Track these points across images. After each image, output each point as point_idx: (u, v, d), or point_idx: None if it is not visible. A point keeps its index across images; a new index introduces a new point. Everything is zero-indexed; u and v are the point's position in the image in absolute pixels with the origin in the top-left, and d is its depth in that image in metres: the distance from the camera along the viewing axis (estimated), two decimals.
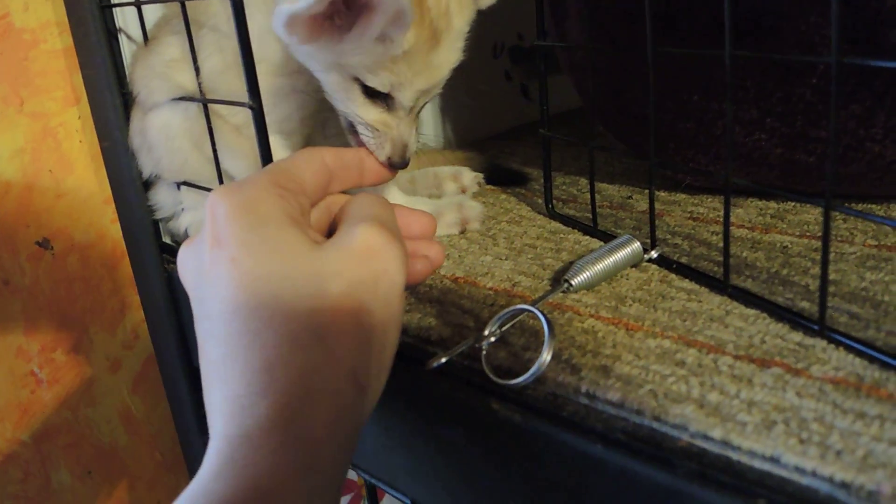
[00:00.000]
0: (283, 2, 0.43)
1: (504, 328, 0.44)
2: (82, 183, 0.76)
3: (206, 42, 0.54)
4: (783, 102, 0.51)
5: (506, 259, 0.56)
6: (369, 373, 0.37)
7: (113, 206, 0.77)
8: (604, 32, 0.60)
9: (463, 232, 0.62)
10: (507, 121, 0.51)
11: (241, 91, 0.50)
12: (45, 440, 0.78)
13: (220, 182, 0.58)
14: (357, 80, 0.49)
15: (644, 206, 0.64)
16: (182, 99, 0.58)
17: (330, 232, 0.43)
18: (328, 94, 0.52)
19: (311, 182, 0.42)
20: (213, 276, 0.37)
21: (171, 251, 0.70)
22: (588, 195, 0.59)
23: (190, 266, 0.40)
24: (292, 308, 0.35)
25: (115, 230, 0.78)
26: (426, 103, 0.54)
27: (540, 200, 0.67)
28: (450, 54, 0.50)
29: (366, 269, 0.37)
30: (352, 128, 0.52)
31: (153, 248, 0.69)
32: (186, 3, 0.53)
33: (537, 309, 0.42)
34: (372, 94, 0.50)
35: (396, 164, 0.51)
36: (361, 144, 0.51)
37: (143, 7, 0.62)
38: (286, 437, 0.33)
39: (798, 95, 0.50)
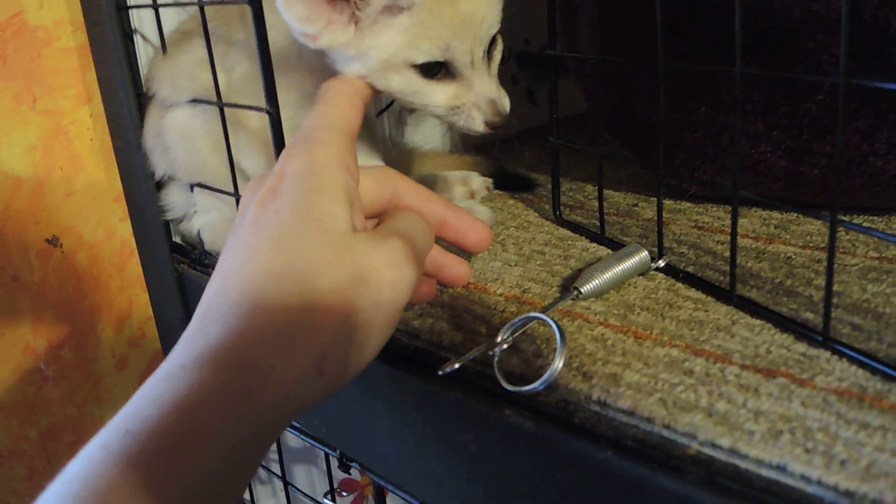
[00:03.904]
0: None
1: (516, 335, 0.45)
2: (93, 181, 0.77)
3: (237, 50, 0.56)
4: (789, 117, 0.52)
5: (515, 265, 0.57)
6: (339, 365, 0.37)
7: (122, 204, 0.78)
8: (614, 41, 0.61)
9: None
10: (514, 125, 0.52)
11: None
12: (51, 437, 0.78)
13: (235, 184, 0.59)
14: (411, 66, 0.49)
15: (650, 213, 0.65)
16: (199, 101, 0.58)
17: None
18: (404, 102, 0.52)
19: (357, 125, 0.46)
20: (254, 216, 0.39)
21: (181, 251, 0.71)
22: (595, 202, 0.60)
23: (246, 196, 0.43)
24: (286, 287, 0.36)
25: (123, 228, 0.79)
26: (492, 55, 0.53)
27: (547, 206, 0.68)
28: (476, 1, 0.49)
29: (377, 274, 0.39)
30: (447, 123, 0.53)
31: (164, 247, 0.70)
32: (206, 7, 0.54)
33: (549, 317, 0.43)
34: (430, 71, 0.50)
35: (497, 125, 0.52)
36: (463, 131, 0.53)
37: (160, 9, 0.63)
38: (232, 381, 0.34)
39: (804, 110, 0.52)
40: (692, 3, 0.52)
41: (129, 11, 0.66)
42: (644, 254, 0.52)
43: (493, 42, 0.53)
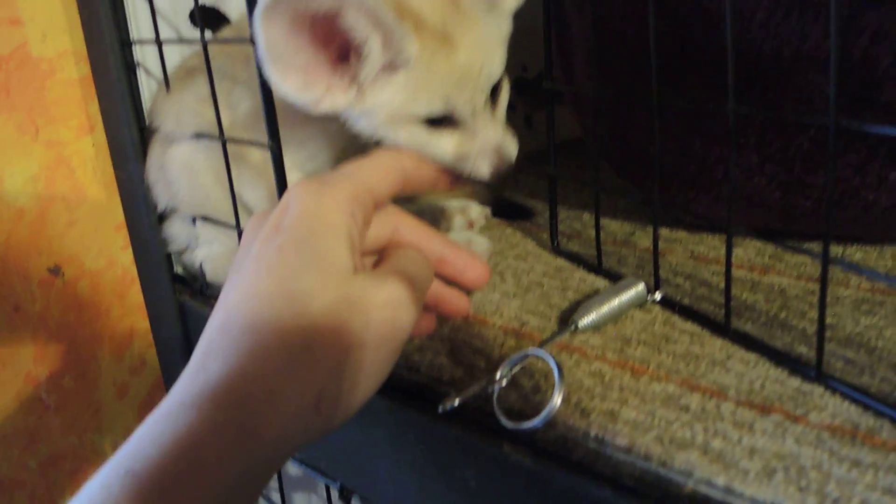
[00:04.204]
0: None
1: (514, 371, 0.46)
2: (94, 210, 0.77)
3: (242, 88, 0.56)
4: (782, 151, 0.53)
5: (514, 297, 0.58)
6: (336, 403, 0.38)
7: (123, 232, 0.78)
8: (609, 73, 0.62)
9: None
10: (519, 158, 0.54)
11: None
12: (51, 466, 0.79)
13: (237, 217, 0.59)
14: (415, 119, 0.50)
15: (646, 243, 0.66)
16: (202, 136, 0.59)
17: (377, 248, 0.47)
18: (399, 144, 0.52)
19: (384, 193, 0.46)
20: (257, 252, 0.40)
21: (183, 281, 0.71)
22: (592, 230, 0.61)
23: (249, 231, 0.44)
24: (286, 324, 0.37)
25: (124, 257, 0.80)
26: (497, 102, 0.53)
27: (545, 235, 0.69)
28: (474, 53, 0.49)
29: (376, 314, 0.39)
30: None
31: (166, 279, 0.70)
32: (209, 45, 0.55)
33: (547, 354, 0.44)
34: (434, 123, 0.50)
35: (502, 173, 0.51)
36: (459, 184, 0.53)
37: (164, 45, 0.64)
38: (231, 420, 0.35)
39: (796, 145, 0.52)
40: (685, 41, 0.53)
41: (134, 48, 0.67)
42: (641, 287, 0.53)
43: (498, 85, 0.53)
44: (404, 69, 0.47)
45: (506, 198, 0.81)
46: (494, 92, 0.53)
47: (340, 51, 0.46)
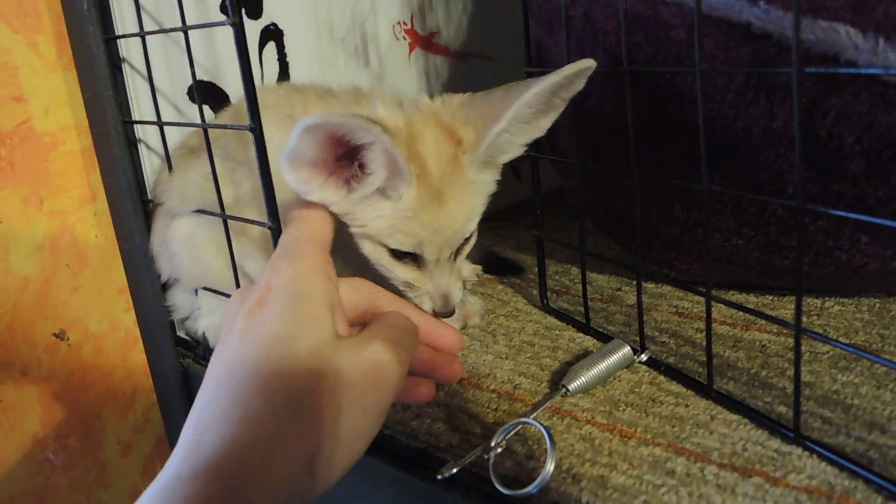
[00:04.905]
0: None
1: (508, 437, 0.48)
2: (97, 276, 0.80)
3: (244, 169, 0.59)
4: (758, 216, 0.56)
5: (506, 358, 0.60)
6: (328, 466, 0.40)
7: (125, 295, 0.80)
8: (591, 143, 0.65)
9: (464, 328, 0.66)
10: (499, 202, 0.56)
11: None
12: None
13: (238, 288, 0.62)
14: (383, 244, 0.54)
15: (632, 299, 0.69)
16: (203, 212, 0.62)
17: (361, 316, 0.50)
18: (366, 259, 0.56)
19: (330, 236, 0.50)
20: (241, 326, 0.42)
21: (185, 345, 0.74)
22: (580, 286, 0.63)
23: (233, 306, 0.46)
24: (275, 391, 0.39)
25: (127, 319, 0.82)
26: (461, 250, 0.58)
27: (535, 292, 0.72)
28: (456, 213, 0.53)
29: (361, 379, 0.42)
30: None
31: (170, 344, 0.73)
32: (209, 129, 0.57)
33: (538, 422, 0.47)
34: (399, 255, 0.54)
35: (442, 314, 0.55)
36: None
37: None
38: (227, 491, 0.36)
39: (770, 211, 0.55)
40: (661, 118, 0.56)
41: (135, 126, 0.70)
42: (627, 350, 0.55)
43: (468, 238, 0.58)
44: (393, 203, 0.51)
45: (496, 253, 0.83)
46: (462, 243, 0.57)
47: (346, 154, 0.49)
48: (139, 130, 0.70)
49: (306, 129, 0.44)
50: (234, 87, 0.73)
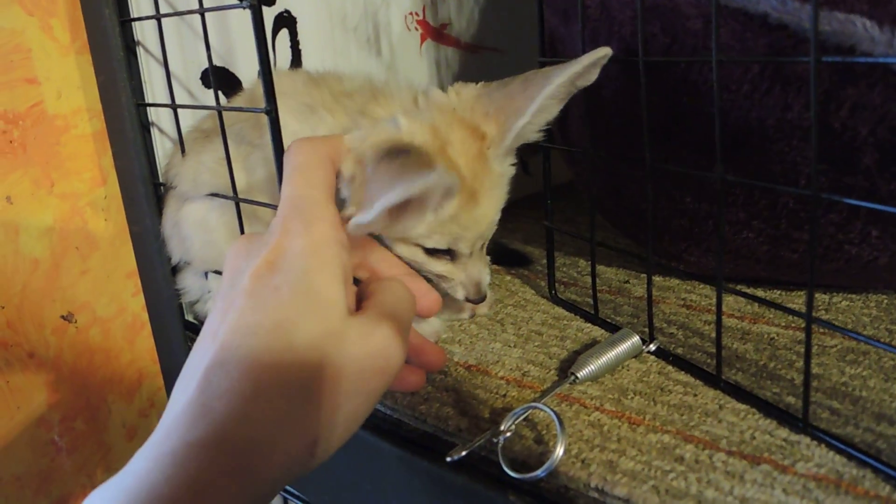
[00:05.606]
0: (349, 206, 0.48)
1: (518, 422, 0.48)
2: (106, 259, 0.80)
3: (257, 153, 0.59)
4: (769, 208, 0.56)
5: (514, 346, 0.60)
6: (328, 447, 0.41)
7: (134, 279, 0.81)
8: (603, 133, 0.65)
9: (472, 316, 0.67)
10: (509, 195, 0.57)
11: None
12: None
13: None
14: (418, 245, 0.55)
15: (640, 291, 0.69)
16: (216, 196, 0.62)
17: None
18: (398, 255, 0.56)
19: (332, 186, 0.48)
20: (250, 288, 0.41)
21: (193, 329, 0.74)
22: (588, 278, 0.64)
23: (236, 258, 0.45)
24: (286, 371, 0.39)
25: (135, 303, 0.82)
26: (488, 240, 0.60)
27: (543, 283, 0.72)
28: (489, 208, 0.56)
29: (369, 364, 0.42)
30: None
31: (178, 327, 0.73)
32: (224, 112, 0.57)
33: (549, 407, 0.47)
34: (433, 252, 0.56)
35: (475, 301, 0.58)
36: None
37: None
38: (237, 466, 0.37)
39: (782, 203, 0.55)
40: (675, 109, 0.56)
41: (148, 109, 0.70)
42: (636, 338, 0.55)
43: None
44: (434, 212, 0.52)
45: (504, 244, 0.83)
46: None
47: None
48: (152, 114, 0.70)
49: (386, 206, 0.44)
50: (246, 74, 0.73)
